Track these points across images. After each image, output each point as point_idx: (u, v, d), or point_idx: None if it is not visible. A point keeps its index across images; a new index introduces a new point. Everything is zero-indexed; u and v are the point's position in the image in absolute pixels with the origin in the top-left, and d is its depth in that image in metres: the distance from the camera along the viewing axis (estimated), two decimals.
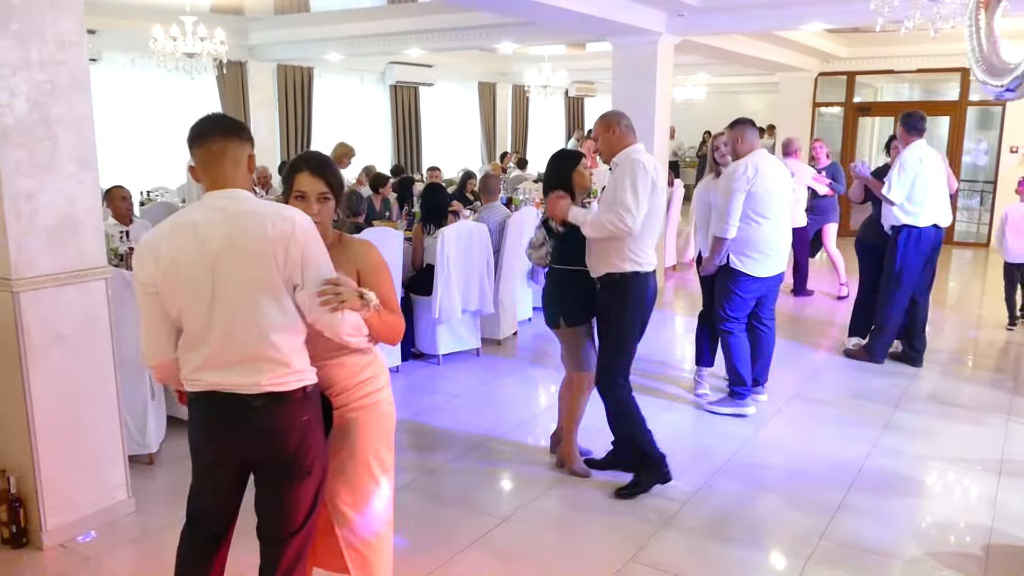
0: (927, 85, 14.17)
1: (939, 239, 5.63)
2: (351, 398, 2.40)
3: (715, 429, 4.66)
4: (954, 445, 4.41)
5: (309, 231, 2.12)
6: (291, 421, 2.17)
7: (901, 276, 5.59)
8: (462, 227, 5.87)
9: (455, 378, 5.64)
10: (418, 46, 9.85)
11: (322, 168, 2.33)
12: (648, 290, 3.73)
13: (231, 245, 2.08)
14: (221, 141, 2.14)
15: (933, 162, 5.49)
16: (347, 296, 2.10)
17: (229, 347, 2.11)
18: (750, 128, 4.73)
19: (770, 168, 4.67)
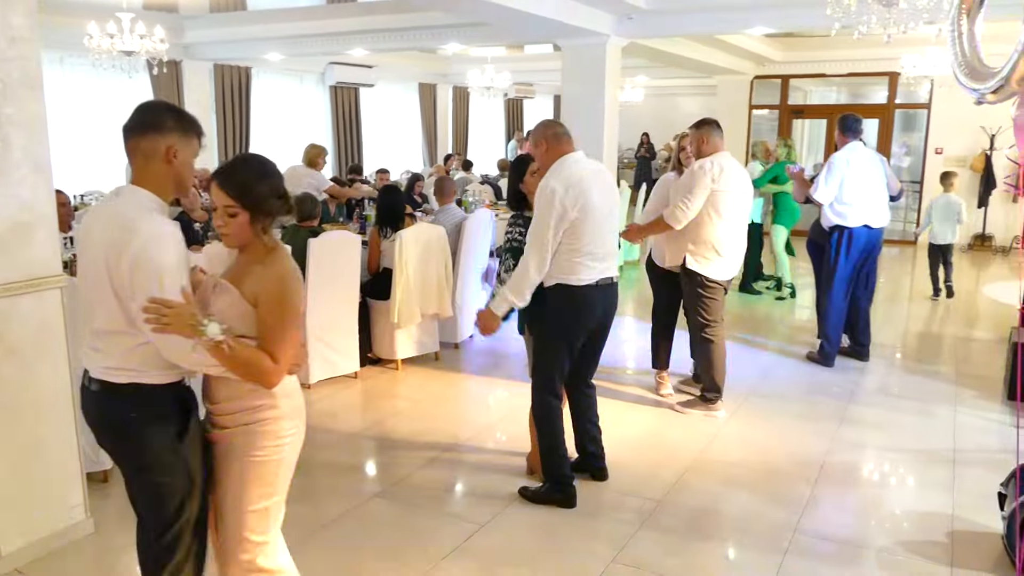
0: (855, 88, 14.72)
1: (873, 239, 5.74)
2: (234, 420, 2.24)
3: (681, 428, 4.71)
4: (909, 436, 4.57)
5: (152, 245, 2.03)
6: (110, 412, 2.20)
7: (834, 275, 5.76)
8: (420, 230, 5.80)
9: (416, 383, 5.57)
10: (362, 46, 9.71)
11: (229, 181, 2.15)
12: (575, 302, 3.54)
13: (86, 240, 2.18)
14: (132, 138, 2.15)
15: (865, 163, 5.63)
16: (173, 321, 2.00)
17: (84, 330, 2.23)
18: (716, 129, 4.80)
19: (733, 169, 4.76)
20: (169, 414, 2.20)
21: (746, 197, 4.84)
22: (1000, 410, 5.00)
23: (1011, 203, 11.40)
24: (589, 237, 3.50)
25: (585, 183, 3.49)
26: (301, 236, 5.26)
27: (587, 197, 3.47)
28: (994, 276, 9.87)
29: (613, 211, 3.67)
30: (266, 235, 2.21)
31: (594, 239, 3.52)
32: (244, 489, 2.25)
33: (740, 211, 4.79)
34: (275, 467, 2.27)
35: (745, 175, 4.89)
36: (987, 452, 4.37)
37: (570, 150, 3.58)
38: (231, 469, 2.27)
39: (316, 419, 4.85)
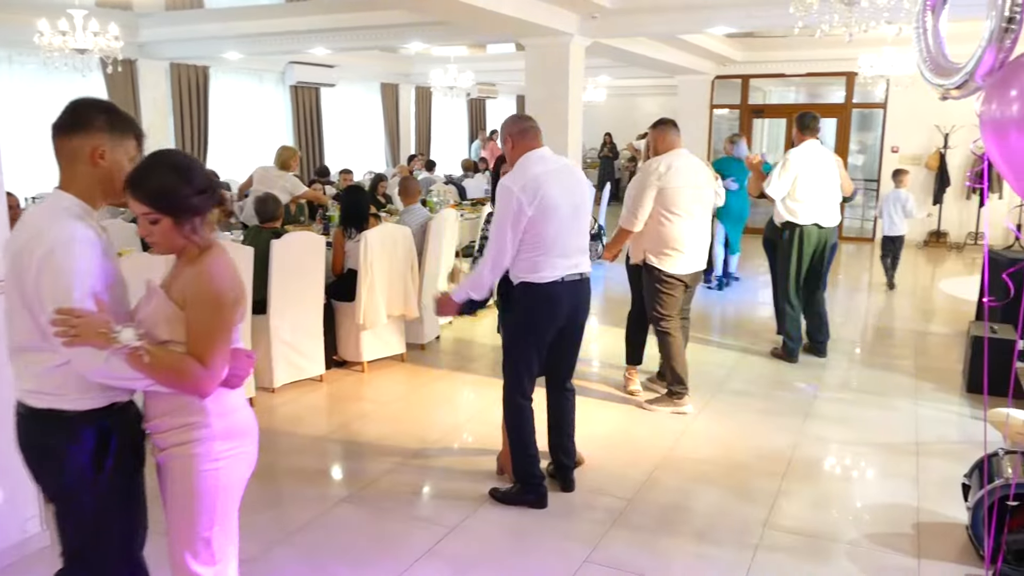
0: (813, 89, 14.95)
1: (824, 237, 5.76)
2: (167, 440, 2.07)
3: (649, 425, 4.72)
4: (872, 430, 4.63)
5: (60, 251, 1.90)
6: (28, 438, 2.06)
7: (786, 272, 5.82)
8: (385, 230, 5.73)
9: (382, 385, 5.50)
10: (323, 45, 9.59)
11: (140, 188, 1.96)
12: (540, 299, 3.49)
13: (6, 249, 2.06)
14: (58, 138, 2.04)
15: (820, 162, 5.67)
16: (83, 331, 1.86)
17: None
18: (671, 128, 4.89)
19: (685, 166, 4.78)
20: (90, 441, 2.02)
21: (702, 192, 4.86)
22: (959, 402, 5.10)
23: (965, 200, 11.67)
24: (552, 235, 3.45)
25: (543, 180, 3.42)
26: (263, 237, 5.17)
27: (545, 195, 3.40)
28: (949, 272, 10.09)
29: (581, 207, 3.58)
30: (197, 235, 2.01)
31: (558, 237, 3.47)
32: (181, 518, 2.09)
33: (697, 207, 4.81)
34: (209, 494, 2.07)
35: (702, 171, 4.92)
36: (949, 443, 4.45)
37: (535, 145, 3.53)
38: (167, 496, 2.12)
39: (281, 423, 4.77)
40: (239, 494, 2.17)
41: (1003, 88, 1.87)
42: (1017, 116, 1.83)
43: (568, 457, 3.85)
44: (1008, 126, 1.85)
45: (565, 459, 3.84)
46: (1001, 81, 1.88)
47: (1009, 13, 1.86)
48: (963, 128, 11.39)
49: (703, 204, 4.89)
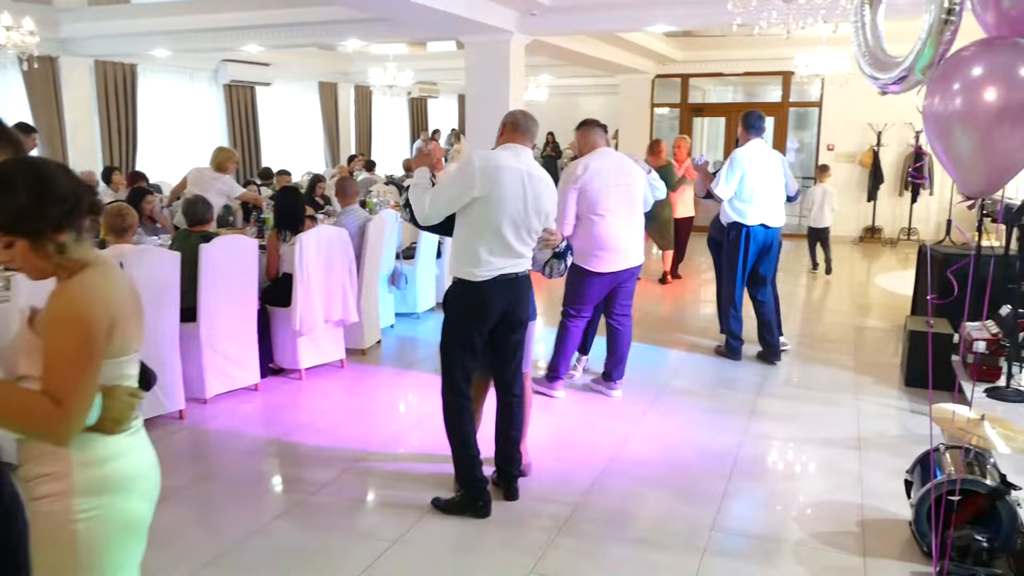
0: (750, 88, 15.18)
1: (770, 238, 5.74)
2: (31, 491, 1.78)
3: (595, 427, 4.65)
4: (815, 427, 4.64)
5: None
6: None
7: (729, 271, 5.80)
8: (321, 232, 5.54)
9: (321, 393, 5.32)
10: (256, 42, 9.30)
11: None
12: (470, 298, 3.44)
13: None
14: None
15: (766, 162, 5.66)
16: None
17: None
18: (594, 128, 4.90)
19: (605, 166, 4.74)
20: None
21: (629, 190, 4.84)
22: (898, 396, 5.17)
23: (898, 197, 11.96)
24: (492, 229, 3.37)
25: (503, 174, 3.33)
26: (192, 242, 4.94)
27: (498, 187, 3.32)
28: (884, 267, 10.32)
29: (532, 215, 3.43)
30: (66, 255, 1.72)
31: (497, 234, 3.38)
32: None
33: (622, 206, 4.79)
34: (67, 560, 1.76)
35: (627, 168, 4.87)
36: (889, 438, 4.49)
37: (518, 141, 3.50)
38: (33, 552, 1.82)
39: (213, 436, 4.56)
40: (127, 555, 1.87)
41: (945, 82, 1.83)
42: (960, 111, 1.78)
43: (511, 465, 3.74)
44: (951, 121, 1.80)
45: (508, 467, 3.73)
46: (943, 76, 1.84)
47: (949, 5, 1.82)
48: (895, 126, 11.68)
49: (630, 202, 4.86)
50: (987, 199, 5.35)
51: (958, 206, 11.46)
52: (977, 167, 1.78)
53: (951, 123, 1.81)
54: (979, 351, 4.67)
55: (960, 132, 1.79)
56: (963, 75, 1.79)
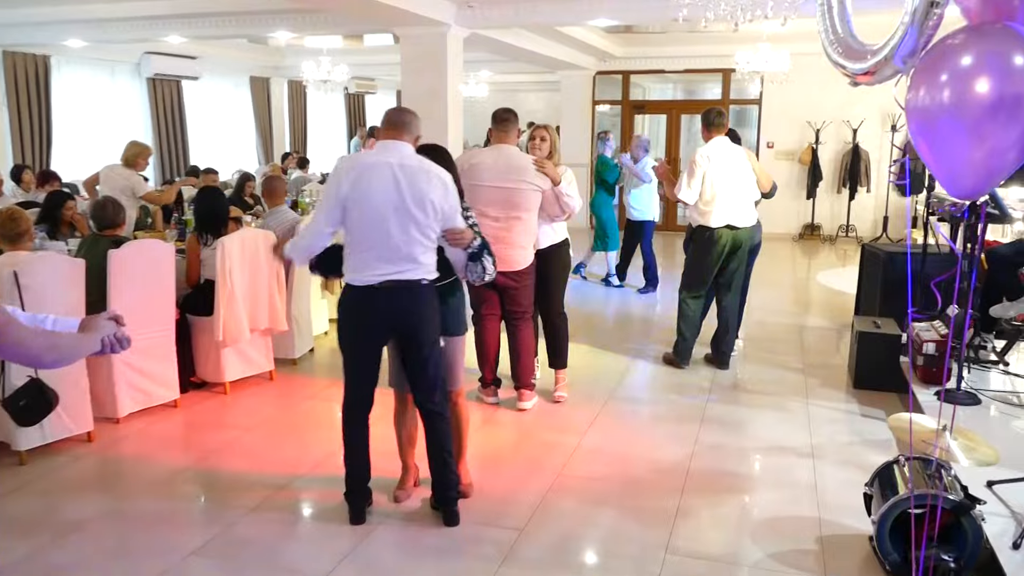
0: (690, 85, 15.17)
1: (739, 239, 5.44)
2: None
3: (541, 441, 4.41)
4: (767, 434, 4.49)
5: None
6: None
7: (692, 271, 5.58)
8: (246, 235, 5.17)
9: (247, 408, 4.96)
10: (178, 33, 8.78)
11: None
12: (350, 304, 3.29)
13: None
14: None
15: (729, 160, 5.37)
16: None
17: None
18: (494, 123, 4.61)
19: (487, 162, 4.49)
20: None
21: (505, 191, 4.49)
22: (847, 398, 5.06)
23: (836, 194, 12.06)
24: (361, 232, 3.20)
25: (367, 170, 3.19)
26: (100, 247, 4.53)
27: (361, 185, 3.16)
28: (824, 264, 10.36)
29: (414, 208, 3.16)
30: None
31: (368, 235, 3.19)
32: None
33: (492, 207, 4.45)
34: None
35: (514, 168, 4.48)
36: (841, 444, 4.35)
37: (392, 137, 3.27)
38: None
39: (125, 462, 4.18)
40: None
41: (932, 72, 1.63)
42: (948, 103, 1.58)
43: (446, 488, 3.46)
44: (938, 114, 1.60)
45: (443, 490, 3.47)
46: (930, 64, 1.64)
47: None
48: (833, 124, 11.77)
49: (508, 206, 4.46)
50: (932, 197, 5.31)
51: (896, 204, 11.63)
52: (967, 166, 1.58)
53: (938, 117, 1.61)
54: (928, 353, 4.58)
55: (948, 127, 1.59)
56: (951, 64, 1.59)
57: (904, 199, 11.70)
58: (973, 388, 4.45)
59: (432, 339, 3.35)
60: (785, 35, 10.16)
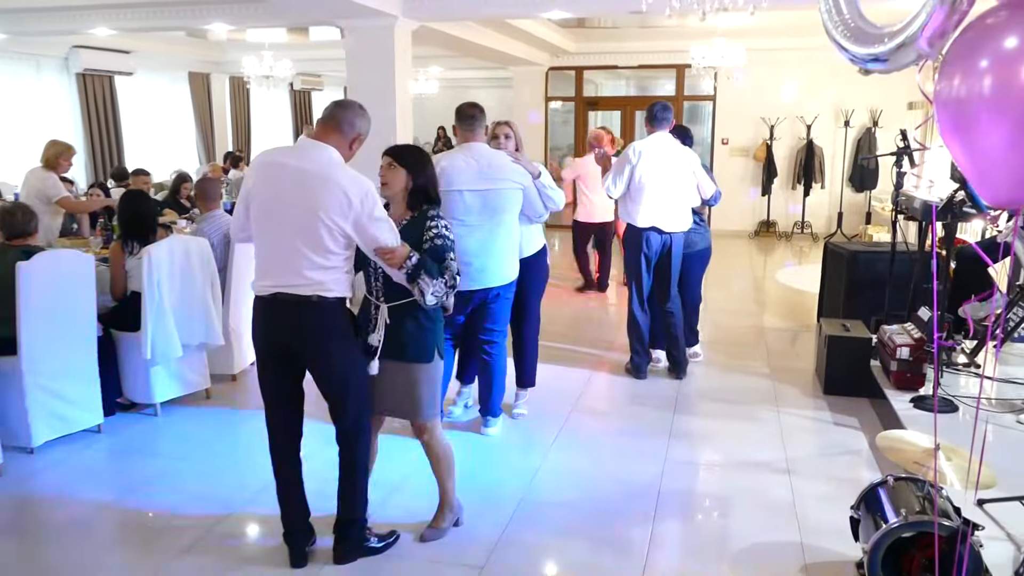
0: (643, 81, 15.02)
1: (666, 244, 5.09)
2: None
3: (502, 463, 4.11)
4: (740, 447, 4.26)
5: None
6: None
7: (632, 280, 5.25)
8: (176, 243, 4.76)
9: (180, 433, 4.55)
10: (106, 24, 8.21)
11: None
12: (253, 320, 3.02)
13: None
14: None
15: (664, 158, 5.00)
16: None
17: None
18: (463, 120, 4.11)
19: (455, 165, 3.98)
20: None
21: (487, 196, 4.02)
22: (817, 406, 4.86)
23: (791, 190, 11.99)
24: (256, 234, 2.95)
25: (267, 169, 2.92)
26: (9, 259, 4.07)
27: (259, 184, 2.91)
28: (781, 261, 10.26)
29: (310, 218, 2.81)
30: None
31: (260, 240, 2.94)
32: None
33: (480, 213, 4.00)
34: None
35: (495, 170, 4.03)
36: (817, 457, 4.14)
37: (321, 135, 2.93)
38: None
39: (38, 498, 3.76)
40: None
41: (969, 57, 1.35)
42: (990, 95, 1.31)
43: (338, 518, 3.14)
44: (977, 108, 1.33)
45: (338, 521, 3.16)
46: (966, 48, 1.37)
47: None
48: (787, 120, 11.69)
49: (488, 210, 4.01)
50: (902, 195, 5.15)
51: (849, 200, 11.59)
52: (1009, 169, 1.33)
53: (976, 111, 1.34)
54: (902, 358, 4.40)
55: (989, 124, 1.32)
56: (992, 47, 1.32)
57: (858, 195, 11.72)
58: (948, 394, 4.28)
59: (334, 365, 2.98)
60: (740, 30, 10.04)
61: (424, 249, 2.97)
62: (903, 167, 4.95)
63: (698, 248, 5.50)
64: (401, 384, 3.12)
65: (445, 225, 3.07)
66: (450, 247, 3.03)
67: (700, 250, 5.54)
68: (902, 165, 4.93)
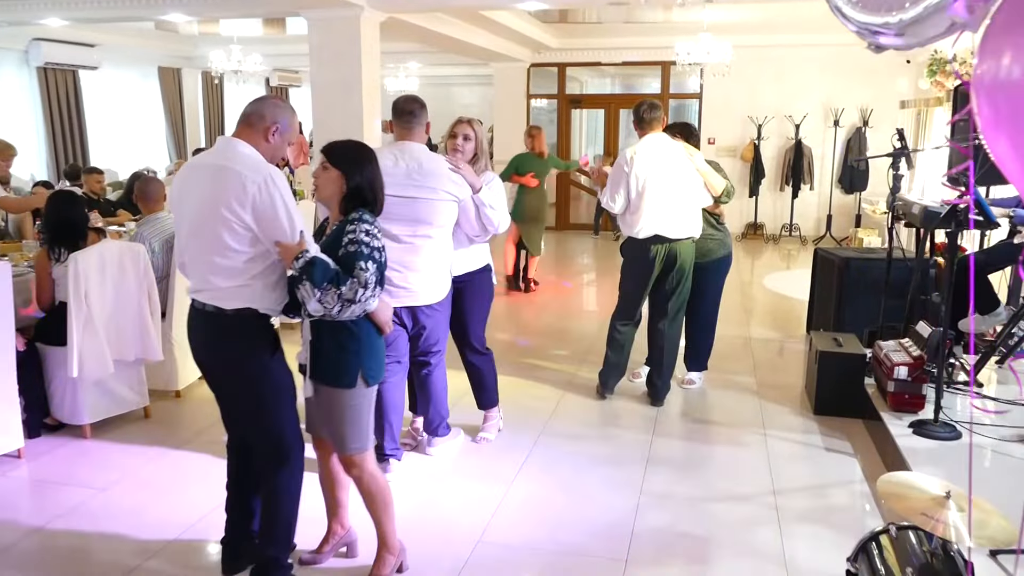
0: (628, 79, 14.66)
1: (675, 254, 4.58)
2: None
3: (461, 493, 3.71)
4: (723, 476, 3.88)
5: None
6: None
7: (623, 300, 4.81)
8: (108, 249, 4.34)
9: (111, 456, 4.13)
10: (58, 15, 7.76)
11: None
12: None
13: None
14: None
15: (661, 160, 4.55)
16: None
17: None
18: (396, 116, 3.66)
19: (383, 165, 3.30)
20: None
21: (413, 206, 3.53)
22: (805, 427, 4.49)
23: (779, 192, 11.66)
24: (178, 240, 2.91)
25: (180, 171, 2.85)
26: None
27: (173, 191, 2.80)
28: (769, 265, 9.92)
29: (208, 216, 2.59)
30: None
31: (183, 243, 2.79)
32: None
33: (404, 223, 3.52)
34: None
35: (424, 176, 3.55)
36: (808, 489, 3.76)
37: (237, 131, 2.74)
38: None
39: None
40: None
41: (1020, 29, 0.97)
42: None
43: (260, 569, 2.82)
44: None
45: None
46: (1016, 16, 0.98)
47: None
48: (775, 119, 11.35)
49: (413, 219, 3.52)
50: (899, 199, 4.78)
51: (839, 202, 11.27)
52: None
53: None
54: (900, 377, 4.03)
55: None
56: None
57: (847, 197, 11.39)
58: (950, 418, 3.91)
59: (235, 385, 2.77)
60: (726, 26, 9.68)
61: (339, 256, 2.59)
62: (900, 169, 4.58)
63: (716, 257, 4.94)
64: (325, 411, 2.77)
65: (367, 230, 2.63)
66: (367, 255, 2.58)
67: (718, 259, 4.96)
68: (899, 167, 4.57)
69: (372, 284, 2.58)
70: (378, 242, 2.64)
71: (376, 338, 2.76)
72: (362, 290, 2.55)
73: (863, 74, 10.89)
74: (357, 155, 2.74)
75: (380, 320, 2.69)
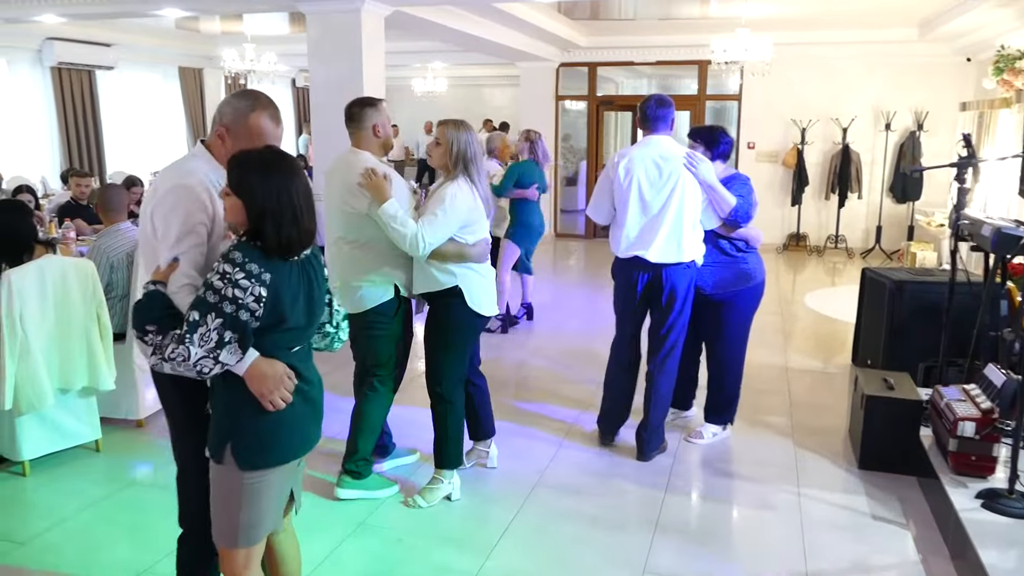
0: (664, 80, 13.96)
1: (660, 281, 3.85)
2: None
3: (426, 561, 3.13)
4: (746, 551, 3.24)
5: None
6: None
7: (618, 320, 4.15)
8: (50, 266, 3.85)
9: (56, 497, 3.67)
10: (52, 12, 7.38)
11: None
12: None
13: None
14: None
15: (655, 168, 3.81)
16: None
17: None
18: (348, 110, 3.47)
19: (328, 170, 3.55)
20: None
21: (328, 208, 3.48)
22: (848, 486, 3.80)
23: (824, 200, 10.86)
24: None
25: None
26: None
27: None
28: (812, 281, 9.15)
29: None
30: None
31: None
32: None
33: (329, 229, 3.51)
34: None
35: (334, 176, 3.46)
36: (848, 571, 3.10)
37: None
38: None
39: None
40: None
41: None
42: None
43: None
44: None
45: None
46: None
47: None
48: (820, 122, 10.58)
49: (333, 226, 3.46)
50: (963, 217, 4.07)
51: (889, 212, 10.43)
52: None
53: None
54: (965, 435, 3.34)
55: None
56: None
57: (899, 207, 10.56)
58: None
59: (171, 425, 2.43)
60: (766, 21, 8.97)
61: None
62: (966, 182, 3.87)
63: (735, 289, 4.09)
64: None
65: (225, 272, 1.94)
66: (213, 304, 1.93)
67: (738, 291, 4.10)
68: (965, 179, 3.86)
69: (197, 342, 1.92)
70: (237, 291, 1.93)
71: (261, 413, 2.05)
72: (174, 346, 1.93)
73: (917, 73, 10.06)
74: (261, 175, 2.02)
75: (254, 391, 2.03)
